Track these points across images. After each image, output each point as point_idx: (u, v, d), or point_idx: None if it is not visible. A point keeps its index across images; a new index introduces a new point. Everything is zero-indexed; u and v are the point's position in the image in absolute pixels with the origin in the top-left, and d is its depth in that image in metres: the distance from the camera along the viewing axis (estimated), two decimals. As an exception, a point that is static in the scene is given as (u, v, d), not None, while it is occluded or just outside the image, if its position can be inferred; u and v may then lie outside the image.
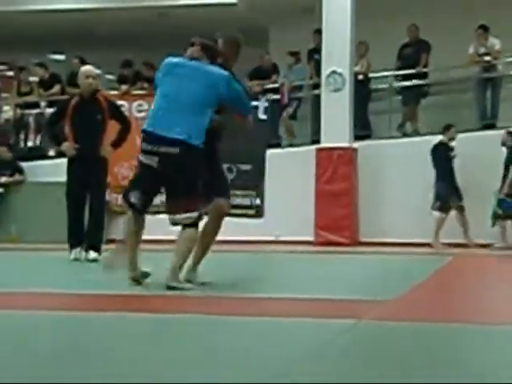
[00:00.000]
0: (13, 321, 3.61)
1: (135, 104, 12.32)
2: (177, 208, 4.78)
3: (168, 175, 4.76)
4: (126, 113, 11.29)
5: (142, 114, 12.26)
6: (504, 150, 10.54)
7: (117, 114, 7.74)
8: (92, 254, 7.41)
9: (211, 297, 4.62)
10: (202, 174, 4.80)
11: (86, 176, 7.45)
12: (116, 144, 7.67)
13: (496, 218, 10.42)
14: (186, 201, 4.76)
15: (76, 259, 7.46)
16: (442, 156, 10.65)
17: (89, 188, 7.55)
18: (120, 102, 10.99)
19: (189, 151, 4.67)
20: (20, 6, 13.23)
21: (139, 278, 4.98)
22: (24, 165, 12.65)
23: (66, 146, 7.56)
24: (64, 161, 7.91)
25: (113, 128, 7.73)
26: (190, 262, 5.10)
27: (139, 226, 5.02)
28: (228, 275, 5.99)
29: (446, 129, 10.80)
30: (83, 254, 7.51)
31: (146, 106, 12.31)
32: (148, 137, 4.83)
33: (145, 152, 4.80)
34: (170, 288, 4.71)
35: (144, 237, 5.16)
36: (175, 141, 4.67)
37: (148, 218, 5.13)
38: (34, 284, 5.19)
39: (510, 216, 10.42)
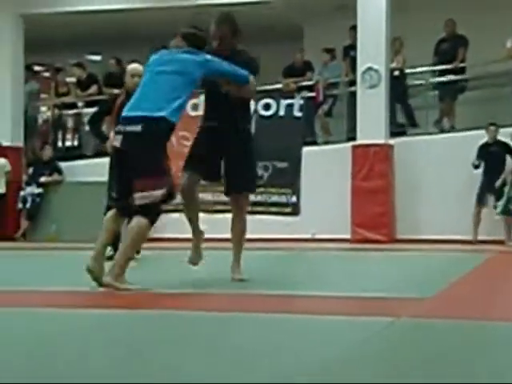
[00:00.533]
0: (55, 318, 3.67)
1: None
2: (134, 188, 4.58)
3: (130, 154, 4.62)
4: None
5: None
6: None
7: None
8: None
9: (247, 294, 4.64)
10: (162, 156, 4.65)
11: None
12: None
13: (505, 213, 10.41)
14: (144, 180, 4.54)
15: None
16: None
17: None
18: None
19: (151, 127, 4.58)
20: (57, 8, 13.35)
21: (96, 273, 4.67)
22: (62, 165, 12.80)
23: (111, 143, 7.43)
24: (101, 160, 7.93)
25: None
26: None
27: (117, 225, 4.88)
28: (264, 273, 6.00)
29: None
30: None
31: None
32: (119, 121, 4.86)
33: (115, 134, 4.83)
34: (104, 285, 4.55)
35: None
36: (138, 118, 4.62)
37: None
38: (75, 282, 5.24)
39: None
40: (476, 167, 10.68)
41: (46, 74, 15.43)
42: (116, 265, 4.59)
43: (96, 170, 10.38)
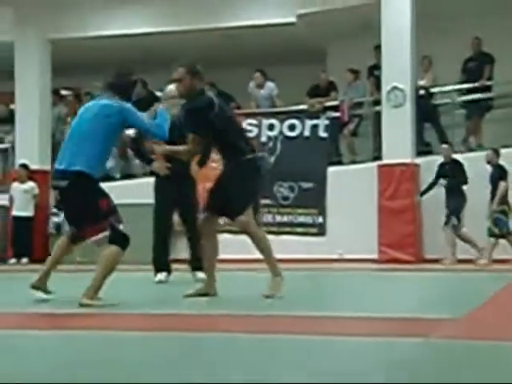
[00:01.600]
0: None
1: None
2: (88, 234, 5.12)
3: (67, 207, 5.31)
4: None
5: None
6: (489, 167, 10.64)
7: None
8: (199, 274, 7.21)
9: (274, 316, 4.62)
10: (97, 198, 5.09)
11: (176, 196, 7.35)
12: (202, 163, 7.38)
13: (491, 236, 10.49)
14: (86, 229, 5.11)
15: (161, 281, 7.41)
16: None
17: (179, 208, 7.48)
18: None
19: (74, 182, 5.03)
20: (83, 33, 13.52)
21: (40, 288, 5.37)
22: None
23: (158, 165, 7.23)
24: (129, 182, 7.94)
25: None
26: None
27: (68, 251, 5.47)
28: (291, 293, 5.97)
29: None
30: (167, 276, 7.50)
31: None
32: (53, 173, 5.40)
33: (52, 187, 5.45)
34: (82, 305, 4.91)
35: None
36: (63, 172, 5.10)
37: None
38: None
39: (505, 235, 10.44)
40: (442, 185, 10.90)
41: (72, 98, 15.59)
42: (92, 287, 5.01)
43: (123, 192, 10.41)
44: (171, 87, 7.39)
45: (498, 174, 10.59)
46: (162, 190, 7.46)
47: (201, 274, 7.23)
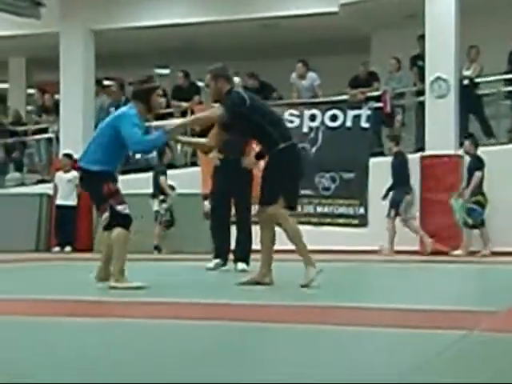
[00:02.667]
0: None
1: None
2: (101, 212, 5.83)
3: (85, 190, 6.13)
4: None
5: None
6: (467, 157, 10.72)
7: None
8: (240, 266, 7.40)
9: (316, 306, 4.61)
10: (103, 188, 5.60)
11: (230, 186, 7.56)
12: (260, 156, 7.35)
13: (465, 226, 10.55)
14: (99, 205, 5.80)
15: (211, 269, 7.54)
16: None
17: (233, 198, 7.65)
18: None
19: (87, 174, 5.70)
20: (126, 23, 13.63)
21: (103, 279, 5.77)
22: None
23: (212, 155, 7.67)
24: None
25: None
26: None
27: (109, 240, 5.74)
28: (332, 285, 5.96)
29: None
30: (227, 265, 7.63)
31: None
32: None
33: None
34: (111, 288, 5.40)
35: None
36: (80, 169, 5.84)
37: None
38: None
39: (478, 226, 10.43)
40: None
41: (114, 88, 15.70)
42: (115, 270, 5.47)
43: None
44: None
45: (475, 164, 10.60)
46: (218, 181, 7.72)
47: (242, 265, 7.39)
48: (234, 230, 7.72)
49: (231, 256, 7.69)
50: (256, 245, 6.53)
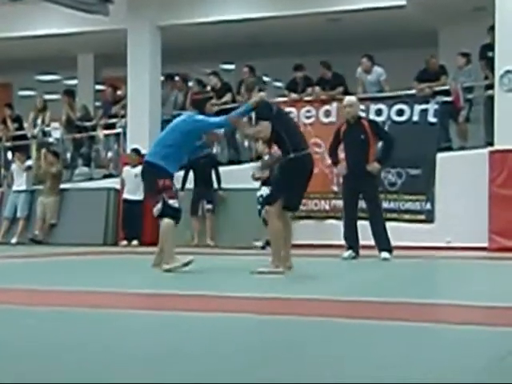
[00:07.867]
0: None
1: (303, 110, 12.44)
2: (152, 205, 6.96)
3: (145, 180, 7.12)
4: (295, 119, 11.46)
5: (311, 120, 12.38)
6: None
7: (380, 132, 8.97)
8: (383, 254, 8.52)
9: (384, 302, 4.57)
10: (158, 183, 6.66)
11: (358, 190, 8.74)
12: (381, 160, 8.79)
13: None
14: (152, 198, 6.92)
15: (345, 258, 8.61)
16: None
17: (362, 198, 8.87)
18: (288, 109, 11.15)
19: (151, 167, 6.71)
20: (191, 19, 13.70)
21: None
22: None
23: (339, 166, 9.04)
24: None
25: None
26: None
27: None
28: (398, 280, 5.90)
29: None
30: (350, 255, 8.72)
31: (313, 112, 12.42)
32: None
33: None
34: (165, 271, 6.39)
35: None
36: (146, 161, 6.94)
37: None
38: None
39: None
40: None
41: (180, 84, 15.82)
42: (166, 255, 6.53)
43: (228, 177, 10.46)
44: (348, 97, 9.29)
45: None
46: (347, 183, 8.99)
47: (385, 254, 8.48)
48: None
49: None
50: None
